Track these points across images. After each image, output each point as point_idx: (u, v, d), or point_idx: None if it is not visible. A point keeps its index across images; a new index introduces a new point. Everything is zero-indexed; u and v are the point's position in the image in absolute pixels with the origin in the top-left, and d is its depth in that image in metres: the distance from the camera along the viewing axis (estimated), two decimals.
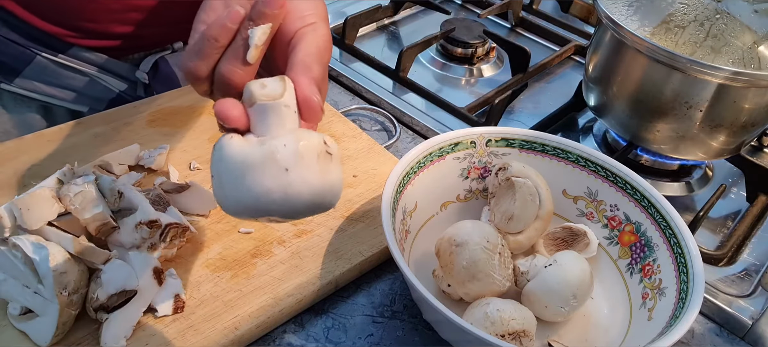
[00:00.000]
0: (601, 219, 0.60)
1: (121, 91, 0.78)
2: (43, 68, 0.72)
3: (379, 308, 0.55)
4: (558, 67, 0.97)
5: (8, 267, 0.46)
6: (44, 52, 0.71)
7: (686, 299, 0.48)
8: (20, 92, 0.73)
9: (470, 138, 0.61)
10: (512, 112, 0.85)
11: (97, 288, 0.47)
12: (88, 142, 0.64)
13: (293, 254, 0.56)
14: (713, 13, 0.65)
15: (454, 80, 0.91)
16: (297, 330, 0.53)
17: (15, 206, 0.48)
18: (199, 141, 0.67)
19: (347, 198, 0.62)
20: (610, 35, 0.69)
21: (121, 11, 0.70)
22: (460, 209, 0.62)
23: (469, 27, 0.95)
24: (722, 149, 0.69)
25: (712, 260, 0.63)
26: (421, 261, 0.57)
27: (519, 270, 0.54)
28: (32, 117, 0.75)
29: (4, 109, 0.74)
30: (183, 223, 0.54)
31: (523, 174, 0.56)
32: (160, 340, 0.48)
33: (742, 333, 0.58)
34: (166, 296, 0.50)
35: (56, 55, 0.72)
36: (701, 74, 0.62)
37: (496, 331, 0.47)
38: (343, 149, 0.68)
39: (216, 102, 0.39)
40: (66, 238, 0.47)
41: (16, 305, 0.47)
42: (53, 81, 0.73)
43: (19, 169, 0.60)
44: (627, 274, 0.57)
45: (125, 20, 0.71)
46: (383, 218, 0.50)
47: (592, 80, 0.74)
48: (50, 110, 0.76)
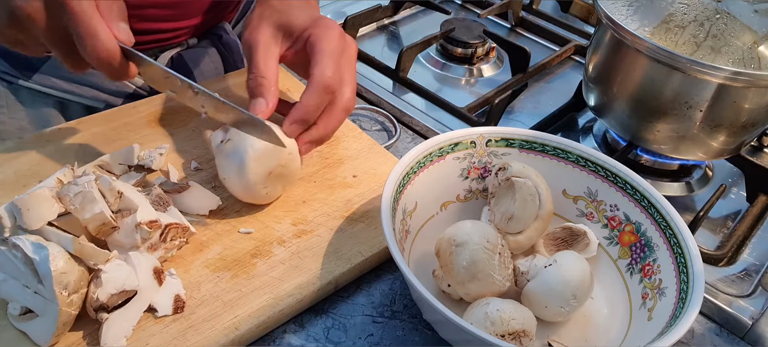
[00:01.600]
0: (601, 219, 0.60)
1: (137, 86, 0.78)
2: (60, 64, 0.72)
3: (379, 308, 0.55)
4: (558, 67, 0.97)
5: (8, 267, 0.46)
6: None
7: (686, 299, 0.48)
8: (38, 87, 0.73)
9: (470, 138, 0.61)
10: (512, 112, 0.85)
11: (97, 288, 0.46)
12: (88, 142, 0.64)
13: (293, 254, 0.56)
14: (713, 13, 0.65)
15: (454, 80, 0.91)
16: (297, 330, 0.53)
17: (15, 206, 0.48)
18: (199, 141, 0.67)
19: (347, 198, 0.62)
20: (610, 35, 0.69)
21: (139, 7, 0.70)
22: (460, 209, 0.62)
23: (469, 27, 0.95)
24: (722, 149, 0.69)
25: (712, 260, 0.63)
26: (421, 261, 0.57)
27: (519, 270, 0.54)
28: (49, 112, 0.75)
29: (22, 104, 0.74)
30: (183, 223, 0.54)
31: (523, 174, 0.56)
32: (160, 340, 0.48)
33: (742, 333, 0.58)
34: (166, 296, 0.50)
35: None
36: (701, 74, 0.62)
37: (496, 331, 0.47)
38: (343, 149, 0.68)
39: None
40: (66, 238, 0.47)
41: (16, 305, 0.47)
42: (70, 77, 0.74)
43: (19, 169, 0.60)
44: (627, 274, 0.57)
45: (142, 16, 0.72)
46: (383, 219, 0.50)
47: (592, 80, 0.74)
48: (66, 105, 0.76)
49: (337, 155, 0.68)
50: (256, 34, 0.60)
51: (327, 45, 0.59)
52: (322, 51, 0.58)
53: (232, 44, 0.83)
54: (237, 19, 0.87)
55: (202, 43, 0.81)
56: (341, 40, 0.61)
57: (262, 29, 0.61)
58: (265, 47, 0.60)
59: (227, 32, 0.83)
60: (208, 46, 0.81)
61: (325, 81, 0.57)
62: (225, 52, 0.83)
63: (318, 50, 0.59)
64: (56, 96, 0.74)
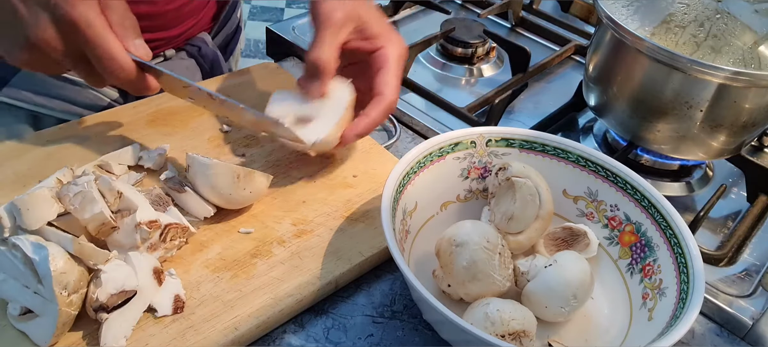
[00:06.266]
0: (602, 219, 0.60)
1: (112, 99, 0.77)
2: (31, 77, 0.71)
3: (379, 308, 0.55)
4: (558, 67, 0.96)
5: (8, 267, 0.46)
6: None
7: (686, 299, 0.48)
8: (9, 101, 0.72)
9: (470, 138, 0.61)
10: (512, 112, 0.85)
11: (96, 288, 0.46)
12: (88, 142, 0.64)
13: (293, 254, 0.56)
14: (713, 13, 0.65)
15: (454, 80, 0.91)
16: (297, 330, 0.53)
17: (15, 206, 0.48)
18: (199, 141, 0.67)
19: (347, 198, 0.62)
20: (610, 35, 0.69)
21: None
22: (460, 209, 0.62)
23: (469, 27, 0.95)
24: (722, 149, 0.69)
25: (712, 260, 0.63)
26: (421, 261, 0.57)
27: (519, 270, 0.54)
28: (20, 127, 0.74)
29: None
30: (183, 223, 0.54)
31: (523, 174, 0.56)
32: (160, 340, 0.48)
33: (742, 333, 0.58)
34: (166, 296, 0.50)
35: None
36: (701, 74, 0.62)
37: (496, 331, 0.47)
38: (343, 149, 0.68)
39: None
40: (66, 238, 0.47)
41: (16, 305, 0.47)
42: (42, 90, 0.73)
43: (18, 169, 0.60)
44: (627, 274, 0.56)
45: None
46: (383, 219, 0.50)
47: (593, 80, 0.74)
48: (40, 118, 0.75)
49: (337, 155, 0.68)
50: (336, 11, 0.60)
51: (395, 65, 0.62)
52: (392, 71, 0.62)
53: (210, 56, 0.83)
54: (217, 30, 0.87)
55: (179, 54, 0.81)
56: (403, 58, 0.64)
57: (340, 8, 0.61)
58: (337, 30, 0.60)
59: (207, 43, 0.83)
60: (187, 58, 0.81)
61: (392, 103, 0.62)
62: (204, 63, 0.82)
63: (387, 69, 0.62)
64: (28, 109, 0.73)
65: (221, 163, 0.56)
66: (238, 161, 0.65)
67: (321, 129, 0.60)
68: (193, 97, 0.62)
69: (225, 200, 0.57)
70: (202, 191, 0.57)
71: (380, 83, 0.61)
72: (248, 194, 0.58)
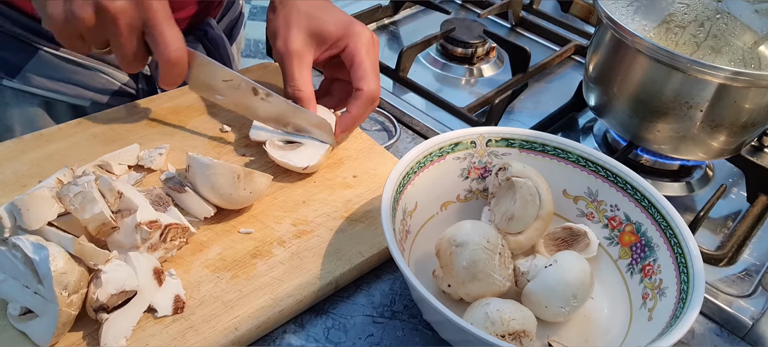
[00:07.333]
0: (602, 219, 0.60)
1: (123, 83, 0.78)
2: (45, 63, 0.72)
3: (379, 308, 0.55)
4: (558, 67, 0.97)
5: (8, 267, 0.46)
6: (46, 46, 0.71)
7: (686, 299, 0.48)
8: (23, 87, 0.73)
9: (470, 138, 0.61)
10: (512, 112, 0.85)
11: (96, 289, 0.46)
12: (88, 142, 0.64)
13: (293, 254, 0.56)
14: (714, 13, 0.65)
15: (454, 80, 0.91)
16: (297, 330, 0.53)
17: (15, 207, 0.48)
18: (199, 141, 0.67)
19: (347, 199, 0.62)
20: (610, 35, 0.69)
21: None
22: (460, 209, 0.62)
23: (469, 27, 0.95)
24: (722, 149, 0.69)
25: (712, 260, 0.63)
26: (421, 261, 0.57)
27: (519, 270, 0.54)
28: (34, 112, 0.75)
29: (8, 105, 0.74)
30: (183, 223, 0.54)
31: (523, 174, 0.56)
32: (160, 340, 0.48)
33: (742, 333, 0.58)
34: (166, 296, 0.50)
35: (58, 49, 0.72)
36: (702, 74, 0.62)
37: (497, 331, 0.47)
38: (343, 149, 0.68)
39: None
40: (66, 238, 0.47)
41: (16, 305, 0.47)
42: (55, 75, 0.73)
43: (19, 169, 0.60)
44: (627, 274, 0.56)
45: None
46: (383, 219, 0.50)
47: (593, 80, 0.74)
48: (52, 104, 0.76)
49: (337, 156, 0.68)
50: (289, 43, 0.64)
51: (366, 57, 0.65)
52: (363, 65, 0.64)
53: (217, 39, 0.83)
54: (221, 14, 0.87)
55: (187, 38, 0.81)
56: (373, 46, 0.66)
57: (294, 37, 0.64)
58: (299, 58, 0.64)
59: (213, 27, 0.83)
60: (194, 42, 0.81)
61: (372, 94, 0.65)
62: (211, 47, 0.82)
63: (358, 63, 0.64)
64: (42, 95, 0.74)
65: (221, 163, 0.56)
66: (241, 161, 0.65)
67: (312, 154, 0.64)
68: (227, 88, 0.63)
69: (225, 200, 0.57)
70: (202, 191, 0.57)
71: (355, 79, 0.65)
72: (248, 195, 0.58)
